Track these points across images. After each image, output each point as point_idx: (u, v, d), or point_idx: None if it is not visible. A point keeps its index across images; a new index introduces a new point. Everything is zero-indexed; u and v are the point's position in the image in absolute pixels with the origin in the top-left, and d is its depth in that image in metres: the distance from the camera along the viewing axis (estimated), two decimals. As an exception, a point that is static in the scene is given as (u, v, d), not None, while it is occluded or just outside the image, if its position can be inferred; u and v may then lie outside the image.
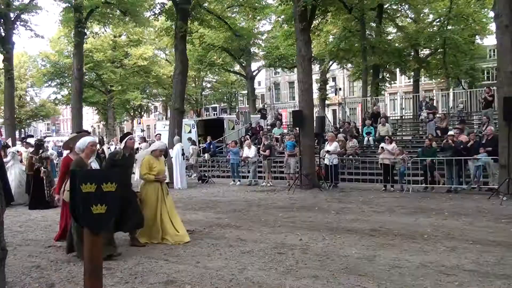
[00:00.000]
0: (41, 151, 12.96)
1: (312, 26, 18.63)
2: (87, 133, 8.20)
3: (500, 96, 13.13)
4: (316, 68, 39.79)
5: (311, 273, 5.82)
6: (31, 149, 13.59)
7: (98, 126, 69.06)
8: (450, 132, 15.80)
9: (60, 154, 25.48)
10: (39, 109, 56.87)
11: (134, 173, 8.43)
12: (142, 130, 47.94)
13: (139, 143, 19.47)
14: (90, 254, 4.35)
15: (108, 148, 19.49)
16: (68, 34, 33.32)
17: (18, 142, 20.59)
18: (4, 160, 13.74)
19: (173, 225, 7.85)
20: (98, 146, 19.20)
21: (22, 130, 58.99)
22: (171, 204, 8.11)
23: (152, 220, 7.75)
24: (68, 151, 8.93)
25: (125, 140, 7.84)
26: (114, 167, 7.39)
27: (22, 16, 23.18)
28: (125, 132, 8.67)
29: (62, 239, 7.59)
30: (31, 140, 14.45)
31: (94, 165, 6.78)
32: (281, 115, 29.13)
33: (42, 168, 12.76)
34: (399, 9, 31.16)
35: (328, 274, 5.77)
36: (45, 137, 55.65)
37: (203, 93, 56.12)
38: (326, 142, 17.01)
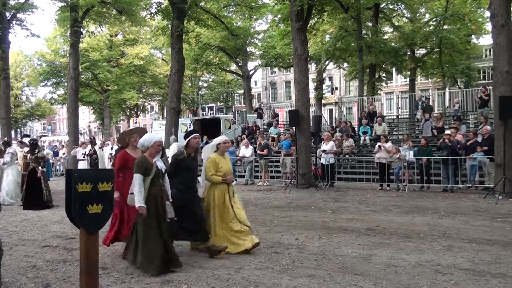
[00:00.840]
0: (36, 150, 12.86)
1: (308, 26, 18.65)
2: (144, 129, 7.64)
3: (496, 96, 13.18)
4: (312, 67, 39.79)
5: (308, 272, 5.82)
6: (26, 149, 13.52)
7: (89, 126, 68.95)
8: (446, 132, 15.84)
9: (56, 154, 25.46)
10: (35, 109, 56.78)
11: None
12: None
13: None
14: (86, 254, 4.34)
15: (100, 148, 19.39)
16: (64, 33, 33.31)
17: (13, 142, 20.54)
18: (3, 161, 13.67)
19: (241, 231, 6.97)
20: (90, 146, 19.13)
21: (18, 129, 58.88)
22: (241, 208, 7.18)
23: (222, 228, 6.85)
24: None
25: (188, 139, 6.86)
26: (179, 169, 6.67)
27: (18, 15, 23.14)
28: (189, 130, 7.77)
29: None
30: (26, 140, 14.37)
31: (160, 164, 6.07)
32: (277, 114, 29.13)
33: (40, 167, 12.69)
34: (395, 8, 31.18)
35: (324, 273, 5.77)
36: (40, 136, 55.61)
37: (200, 92, 56.09)
38: (323, 142, 17.02)
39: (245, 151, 18.61)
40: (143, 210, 5.67)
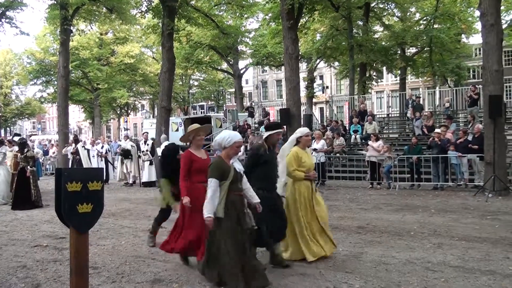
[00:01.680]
0: (26, 150, 12.75)
1: (299, 24, 18.67)
2: (209, 127, 6.81)
3: (486, 94, 13.29)
4: (303, 66, 39.89)
5: (299, 270, 5.82)
6: (16, 148, 13.41)
7: (80, 124, 68.58)
8: (436, 130, 15.95)
9: (46, 153, 25.28)
10: (24, 107, 56.37)
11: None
12: (126, 129, 47.56)
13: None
14: (76, 253, 4.31)
15: (83, 147, 19.29)
16: (54, 32, 33.07)
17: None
18: None
19: (325, 233, 6.39)
20: (73, 145, 18.96)
21: (8, 128, 58.42)
22: (323, 207, 6.51)
23: (303, 229, 6.20)
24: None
25: (271, 133, 6.12)
26: (257, 164, 5.92)
27: (7, 13, 22.92)
28: (275, 122, 7.43)
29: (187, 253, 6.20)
30: (16, 139, 14.21)
31: (238, 166, 5.31)
32: (268, 113, 29.17)
33: (29, 167, 12.57)
34: (386, 7, 31.30)
35: (315, 271, 5.77)
36: (30, 135, 55.21)
37: (191, 91, 55.97)
38: (313, 140, 17.05)
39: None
40: (209, 221, 4.93)
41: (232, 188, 5.09)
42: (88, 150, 19.71)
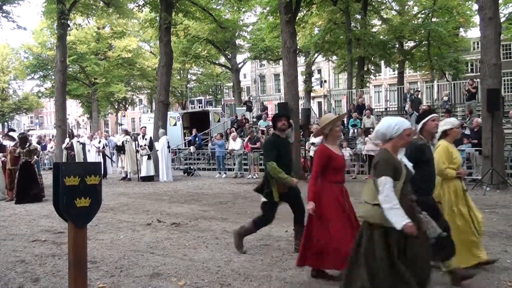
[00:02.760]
0: (27, 144, 12.79)
1: (297, 18, 18.62)
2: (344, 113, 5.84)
3: (484, 88, 13.30)
4: (301, 60, 39.85)
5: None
6: (8, 142, 13.46)
7: (76, 119, 68.47)
8: (434, 124, 15.94)
9: (44, 148, 25.25)
10: (22, 102, 56.27)
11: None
12: (121, 124, 47.43)
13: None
14: (74, 248, 4.31)
15: (78, 141, 19.23)
16: (51, 26, 32.98)
17: None
18: None
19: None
20: (67, 139, 18.95)
21: (5, 123, 58.33)
22: (476, 210, 5.73)
23: (465, 234, 5.42)
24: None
25: (424, 120, 5.18)
26: (420, 163, 4.66)
27: (4, 7, 22.82)
28: (424, 110, 6.35)
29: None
30: (14, 134, 14.18)
31: (407, 161, 4.10)
32: (266, 107, 29.19)
33: (35, 157, 12.84)
34: (384, 1, 31.27)
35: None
36: (28, 130, 55.13)
37: (188, 85, 55.82)
38: (312, 134, 17.05)
39: (234, 144, 18.61)
40: (412, 228, 3.72)
41: (405, 190, 4.00)
42: (83, 145, 19.68)
